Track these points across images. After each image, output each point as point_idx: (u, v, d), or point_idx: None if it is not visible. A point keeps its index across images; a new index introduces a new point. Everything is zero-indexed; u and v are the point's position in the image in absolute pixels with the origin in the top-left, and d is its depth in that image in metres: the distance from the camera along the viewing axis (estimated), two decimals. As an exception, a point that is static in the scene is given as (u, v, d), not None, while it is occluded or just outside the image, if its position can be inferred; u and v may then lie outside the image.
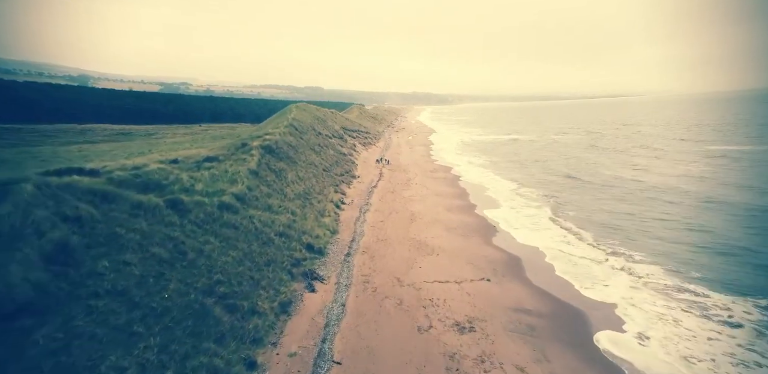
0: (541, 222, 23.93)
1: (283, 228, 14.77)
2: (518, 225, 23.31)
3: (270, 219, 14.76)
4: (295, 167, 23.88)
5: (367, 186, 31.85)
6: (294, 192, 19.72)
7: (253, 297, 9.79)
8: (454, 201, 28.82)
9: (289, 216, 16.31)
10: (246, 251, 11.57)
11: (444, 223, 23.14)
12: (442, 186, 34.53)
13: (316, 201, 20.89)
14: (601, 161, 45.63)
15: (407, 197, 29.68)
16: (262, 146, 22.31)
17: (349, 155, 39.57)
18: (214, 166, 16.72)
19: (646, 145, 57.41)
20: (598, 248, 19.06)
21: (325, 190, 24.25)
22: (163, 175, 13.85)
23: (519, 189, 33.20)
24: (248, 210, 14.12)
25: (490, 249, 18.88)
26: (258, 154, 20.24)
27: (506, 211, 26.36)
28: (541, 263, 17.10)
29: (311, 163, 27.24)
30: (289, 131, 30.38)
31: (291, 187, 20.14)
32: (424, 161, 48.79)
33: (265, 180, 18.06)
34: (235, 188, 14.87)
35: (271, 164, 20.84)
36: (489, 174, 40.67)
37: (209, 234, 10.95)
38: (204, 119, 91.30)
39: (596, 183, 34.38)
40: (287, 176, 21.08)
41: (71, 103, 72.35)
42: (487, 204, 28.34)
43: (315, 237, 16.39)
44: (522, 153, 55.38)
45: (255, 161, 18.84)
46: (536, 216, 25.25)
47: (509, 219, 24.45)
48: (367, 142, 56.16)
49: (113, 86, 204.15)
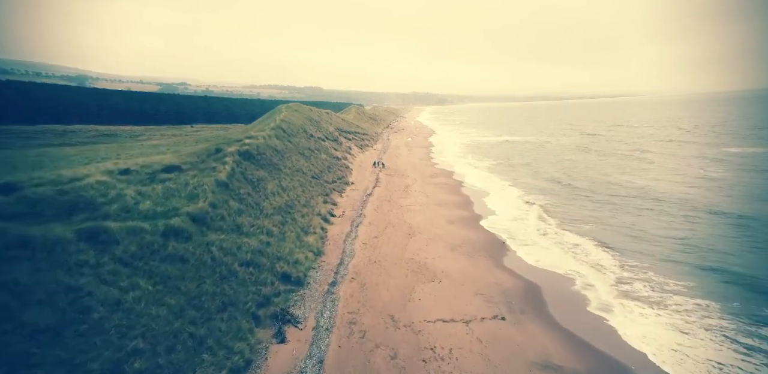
0: (556, 237, 21.22)
1: (251, 256, 12.03)
2: (530, 242, 20.59)
3: (236, 244, 12.02)
4: (279, 175, 21.15)
5: (361, 194, 29.12)
6: (273, 207, 16.98)
7: (187, 371, 7.09)
8: (456, 212, 26.10)
9: (262, 238, 13.58)
10: (193, 294, 8.85)
11: (446, 239, 20.42)
12: (443, 193, 31.82)
13: (299, 216, 18.16)
14: (613, 166, 42.93)
15: (405, 207, 26.96)
16: (240, 152, 19.58)
17: (344, 159, 36.85)
18: (172, 177, 13.99)
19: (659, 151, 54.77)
20: (628, 272, 16.33)
21: (313, 201, 21.51)
22: (101, 191, 11.12)
23: (526, 197, 30.48)
24: (207, 234, 11.39)
25: (502, 273, 16.14)
26: (232, 161, 17.50)
27: (515, 224, 23.64)
28: (566, 293, 14.35)
29: (298, 170, 24.51)
30: (276, 134, 27.65)
31: (270, 199, 17.41)
32: (423, 165, 46.09)
33: (237, 193, 15.32)
34: (192, 206, 12.13)
35: (248, 173, 18.10)
36: (493, 179, 37.96)
37: (140, 275, 8.23)
38: (197, 119, 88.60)
39: (619, 194, 31.64)
40: (267, 187, 18.34)
41: (58, 103, 69.58)
42: (493, 215, 25.63)
43: (294, 263, 13.65)
44: (527, 156, 52.67)
45: (227, 170, 16.10)
46: (549, 229, 22.54)
47: (520, 234, 21.73)
48: (364, 144, 53.46)
49: (111, 86, 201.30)
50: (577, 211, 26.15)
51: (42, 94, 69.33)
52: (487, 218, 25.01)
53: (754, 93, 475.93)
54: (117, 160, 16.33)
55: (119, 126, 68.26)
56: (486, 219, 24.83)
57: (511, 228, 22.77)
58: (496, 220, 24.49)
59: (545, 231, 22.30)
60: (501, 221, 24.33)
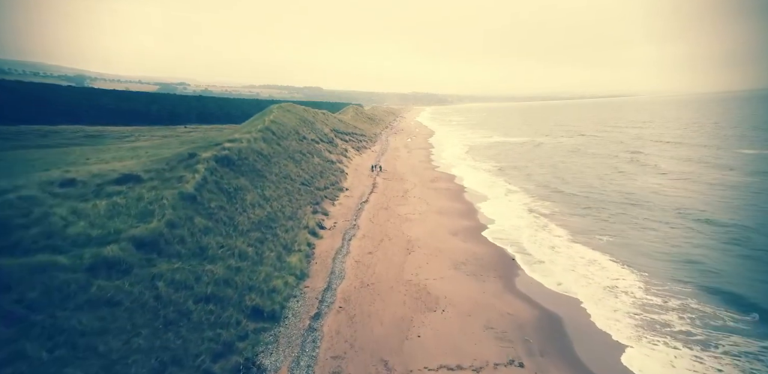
0: (569, 252, 19.01)
1: (213, 288, 9.81)
2: (541, 257, 18.38)
3: (194, 274, 9.80)
4: (262, 183, 18.93)
5: (356, 201, 26.91)
6: (252, 221, 14.77)
7: None
8: (459, 221, 23.91)
9: (232, 263, 11.36)
10: (115, 356, 6.62)
11: (449, 255, 18.21)
12: (444, 199, 29.63)
13: (283, 231, 15.94)
14: (619, 170, 40.76)
15: (404, 215, 24.76)
16: (218, 158, 17.36)
17: (339, 162, 34.63)
18: (125, 189, 11.77)
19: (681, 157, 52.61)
20: (659, 297, 14.14)
21: (300, 212, 19.30)
22: (23, 210, 8.90)
23: (533, 204, 28.27)
24: (155, 264, 9.18)
25: (515, 300, 13.93)
26: (204, 169, 15.28)
27: (523, 235, 21.45)
28: (593, 328, 12.16)
29: (286, 176, 22.29)
30: (263, 136, 25.44)
31: (249, 213, 15.20)
32: (423, 167, 43.90)
33: (207, 207, 13.10)
34: (142, 227, 9.91)
35: (225, 182, 15.88)
36: (496, 184, 35.77)
37: (32, 337, 5.95)
38: (191, 120, 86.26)
39: (631, 201, 29.44)
40: (246, 197, 16.13)
41: (45, 102, 67.25)
42: (498, 224, 23.44)
43: (269, 292, 11.44)
44: (530, 158, 50.49)
45: (196, 180, 13.88)
46: (560, 242, 20.34)
47: (529, 248, 19.53)
48: (362, 145, 51.27)
49: (110, 86, 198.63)
50: (587, 221, 23.95)
51: (28, 94, 67.00)
52: (492, 228, 22.83)
53: (754, 93, 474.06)
54: (68, 168, 14.09)
55: (109, 126, 65.95)
56: (491, 229, 22.65)
57: (519, 240, 20.58)
58: (502, 231, 22.32)
59: (556, 245, 20.11)
60: (508, 231, 22.16)
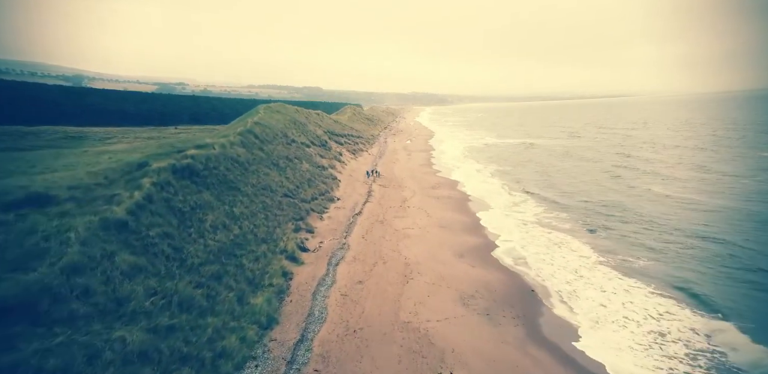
0: (601, 280, 15.96)
1: (114, 371, 6.76)
2: (569, 288, 15.33)
3: (85, 349, 6.74)
4: (233, 197, 15.89)
5: (348, 213, 23.87)
6: (210, 250, 11.73)
7: None
8: (465, 238, 20.88)
9: (161, 320, 8.30)
10: None
11: (455, 285, 15.17)
12: (447, 209, 26.59)
13: (251, 259, 12.90)
14: (642, 176, 37.69)
15: (401, 230, 21.73)
16: (176, 168, 14.33)
17: (331, 168, 31.58)
18: (12, 218, 8.71)
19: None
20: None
21: (279, 231, 16.25)
22: None
23: (546, 215, 25.23)
24: (14, 342, 6.16)
25: (543, 354, 10.87)
26: (152, 183, 12.25)
27: (541, 257, 18.41)
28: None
29: (265, 187, 19.25)
30: (242, 141, 22.41)
31: (207, 238, 12.16)
32: (423, 172, 40.87)
33: (142, 237, 10.06)
34: (14, 280, 6.87)
35: (179, 199, 12.85)
36: (502, 190, 32.74)
37: None
38: (183, 120, 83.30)
39: (662, 213, 26.37)
40: (207, 217, 13.08)
41: (29, 101, 64.26)
42: (510, 241, 20.40)
43: (215, 358, 8.40)
44: (536, 161, 47.42)
45: (133, 200, 10.84)
46: (585, 264, 17.29)
47: (551, 275, 16.48)
48: (358, 148, 48.23)
49: (108, 86, 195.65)
50: (606, 237, 20.88)
51: (12, 93, 63.94)
52: (502, 246, 19.80)
53: (755, 93, 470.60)
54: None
55: (95, 127, 63.00)
56: (501, 247, 19.62)
57: (535, 263, 17.54)
58: (513, 250, 19.29)
59: (577, 267, 17.12)
60: (520, 251, 19.14)
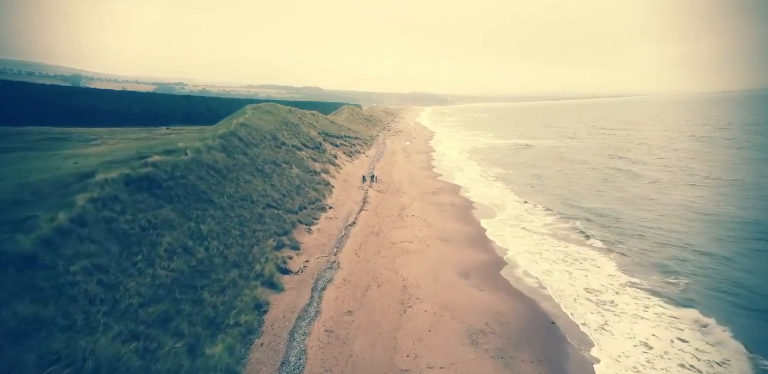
0: (633, 306, 13.79)
1: None
2: (598, 318, 13.15)
3: None
4: (202, 212, 13.71)
5: (340, 224, 21.69)
6: (158, 283, 9.54)
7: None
8: (470, 254, 18.70)
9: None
10: None
11: (462, 316, 12.98)
12: (449, 219, 24.43)
13: (214, 292, 10.70)
14: (665, 184, 35.52)
15: (399, 244, 19.56)
16: (130, 179, 12.16)
17: (324, 173, 29.39)
18: None
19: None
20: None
21: (256, 250, 14.07)
22: None
23: (558, 226, 23.06)
24: None
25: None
26: (89, 200, 10.06)
27: (559, 277, 16.26)
28: None
29: (245, 198, 17.05)
30: (222, 144, 20.22)
31: (157, 267, 9.97)
32: (423, 176, 38.70)
33: (62, 273, 7.87)
34: None
35: (126, 218, 10.66)
36: (509, 197, 30.59)
37: None
38: (176, 120, 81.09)
39: (698, 230, 24.19)
40: (162, 239, 10.90)
41: (11, 101, 62.03)
42: (522, 258, 18.23)
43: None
44: (542, 163, 45.25)
45: (51, 226, 8.65)
46: (610, 286, 15.12)
47: (574, 299, 14.31)
48: (355, 150, 46.03)
49: (107, 86, 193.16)
50: (631, 250, 18.70)
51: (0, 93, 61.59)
52: (512, 263, 17.64)
53: (755, 92, 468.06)
54: None
55: (82, 128, 60.85)
56: (512, 265, 17.46)
57: (555, 286, 15.35)
58: (527, 269, 17.12)
59: (600, 288, 14.95)
60: (533, 268, 16.99)
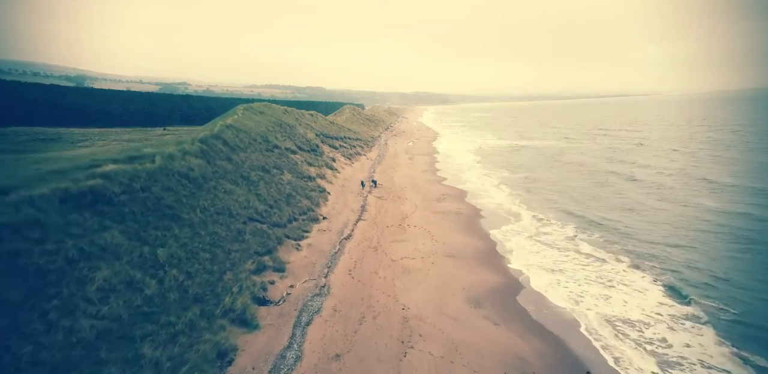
0: (690, 348, 11.40)
1: None
2: (644, 365, 10.79)
3: None
4: (164, 231, 11.47)
5: (335, 236, 19.41)
6: (77, 339, 7.30)
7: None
8: (482, 275, 16.35)
9: None
10: None
11: (476, 363, 10.64)
12: (456, 230, 22.11)
13: (157, 343, 8.44)
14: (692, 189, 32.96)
15: (399, 262, 17.25)
16: (69, 194, 9.95)
17: (320, 178, 27.11)
18: None
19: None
20: None
21: (229, 276, 11.80)
22: None
23: (584, 237, 20.64)
24: None
25: None
26: None
27: (593, 303, 13.88)
28: None
29: (222, 211, 14.80)
30: (201, 149, 17.99)
31: (80, 315, 7.72)
32: (426, 180, 36.37)
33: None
34: None
35: (45, 249, 8.43)
36: (519, 204, 28.18)
37: None
38: (174, 121, 79.28)
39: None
40: (95, 276, 8.65)
41: (11, 101, 60.31)
42: (544, 280, 15.83)
43: None
44: (552, 166, 42.73)
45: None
46: (655, 321, 12.72)
47: (621, 340, 11.91)
48: (355, 152, 43.75)
49: (110, 86, 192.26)
50: (688, 268, 16.17)
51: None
52: (533, 288, 15.28)
53: (756, 92, 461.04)
54: None
55: (74, 128, 58.99)
56: (532, 290, 15.11)
57: (588, 319, 12.95)
58: (550, 294, 14.77)
59: (661, 329, 12.52)
60: (560, 297, 14.58)
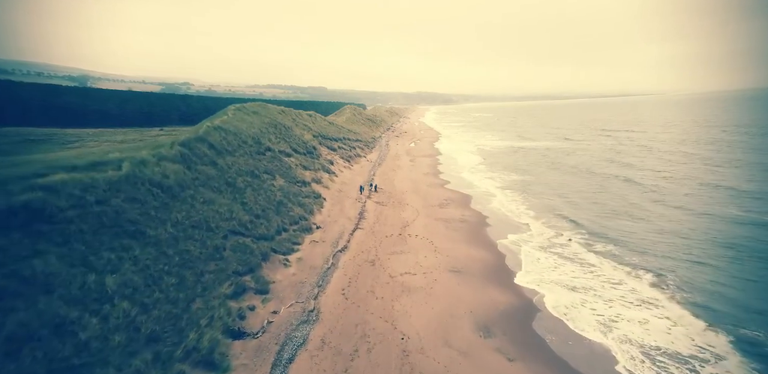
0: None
1: None
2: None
3: None
4: (119, 253, 9.91)
5: (328, 248, 17.81)
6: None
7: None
8: (491, 295, 14.72)
9: None
10: None
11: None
12: (460, 240, 20.50)
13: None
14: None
15: (399, 278, 15.63)
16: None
17: (315, 182, 25.53)
18: None
19: None
20: None
21: (198, 304, 10.22)
22: None
23: (600, 248, 18.96)
24: None
25: None
26: None
27: (625, 331, 12.22)
28: None
29: (198, 224, 13.23)
30: (182, 153, 16.44)
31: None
32: (429, 183, 34.74)
33: None
34: None
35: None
36: (528, 210, 26.51)
37: None
38: (171, 121, 78.04)
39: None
40: (4, 320, 7.06)
41: (6, 101, 59.14)
42: (562, 301, 14.16)
43: None
44: (561, 168, 40.97)
45: None
46: (701, 353, 11.06)
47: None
48: (354, 154, 42.16)
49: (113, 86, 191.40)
50: (733, 293, 14.43)
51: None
52: (552, 310, 13.61)
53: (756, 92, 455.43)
54: None
55: (69, 129, 57.75)
56: (549, 313, 13.44)
57: (625, 351, 11.27)
58: (573, 319, 13.09)
59: (686, 352, 10.88)
60: (589, 323, 12.86)
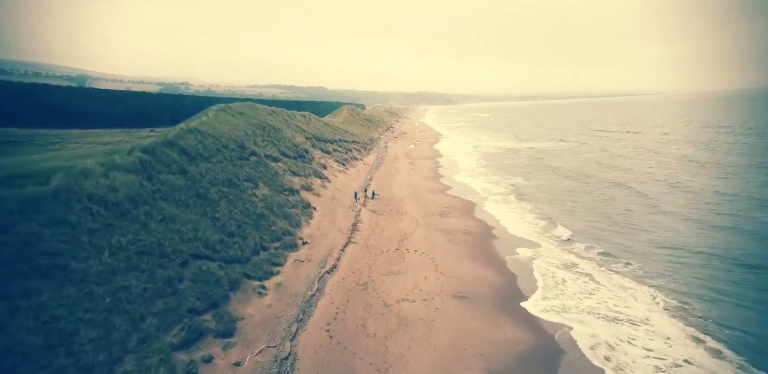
0: None
1: None
2: None
3: None
4: (24, 298, 7.60)
5: (314, 270, 15.51)
6: None
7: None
8: (503, 329, 12.45)
9: None
10: None
11: None
12: (464, 257, 18.25)
13: None
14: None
15: (395, 308, 13.37)
16: None
17: (305, 190, 23.24)
18: None
19: None
20: None
21: (124, 368, 7.90)
22: None
23: (622, 268, 16.65)
24: None
25: None
26: None
27: None
28: None
29: (148, 250, 10.94)
30: (141, 160, 14.17)
31: None
32: (429, 189, 32.46)
33: None
34: None
35: None
36: (536, 220, 24.24)
37: None
38: (163, 121, 75.92)
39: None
40: None
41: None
42: (594, 339, 11.87)
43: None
44: (569, 173, 38.67)
45: None
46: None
47: None
48: (350, 157, 39.85)
49: (112, 87, 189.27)
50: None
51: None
52: (584, 355, 11.28)
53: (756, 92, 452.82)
54: None
55: (53, 129, 55.52)
56: (582, 358, 11.13)
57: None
58: (617, 367, 10.77)
59: None
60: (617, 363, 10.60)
